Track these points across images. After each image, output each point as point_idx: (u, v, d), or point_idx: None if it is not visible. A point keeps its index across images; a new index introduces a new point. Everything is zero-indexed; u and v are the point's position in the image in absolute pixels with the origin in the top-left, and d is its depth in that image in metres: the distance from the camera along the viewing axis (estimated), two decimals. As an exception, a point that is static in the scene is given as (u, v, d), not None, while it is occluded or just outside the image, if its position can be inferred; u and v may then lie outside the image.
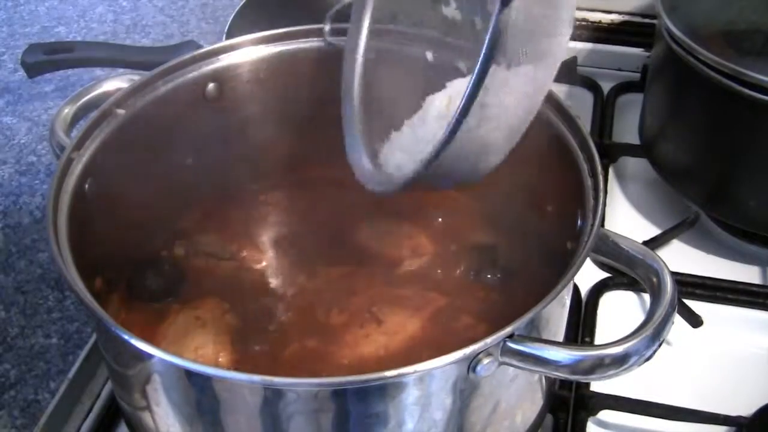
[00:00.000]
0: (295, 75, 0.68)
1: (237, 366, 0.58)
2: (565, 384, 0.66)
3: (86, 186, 0.56)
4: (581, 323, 0.72)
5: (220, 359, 0.58)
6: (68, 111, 0.62)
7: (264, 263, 0.67)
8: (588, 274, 0.76)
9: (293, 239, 0.69)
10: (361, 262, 0.66)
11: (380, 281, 0.65)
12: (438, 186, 0.54)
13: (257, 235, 0.70)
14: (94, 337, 0.71)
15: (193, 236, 0.68)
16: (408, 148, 0.59)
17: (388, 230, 0.68)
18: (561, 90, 0.99)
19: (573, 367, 0.46)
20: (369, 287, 0.64)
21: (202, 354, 0.57)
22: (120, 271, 0.63)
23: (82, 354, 0.70)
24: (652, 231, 0.81)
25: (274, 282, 0.65)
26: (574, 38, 1.02)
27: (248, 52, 0.66)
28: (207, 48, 0.65)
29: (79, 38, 1.09)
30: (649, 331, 0.46)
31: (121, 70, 0.91)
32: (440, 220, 0.69)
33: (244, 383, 0.45)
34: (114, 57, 0.94)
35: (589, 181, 0.55)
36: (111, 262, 0.61)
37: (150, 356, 0.46)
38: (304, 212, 0.71)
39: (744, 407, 0.64)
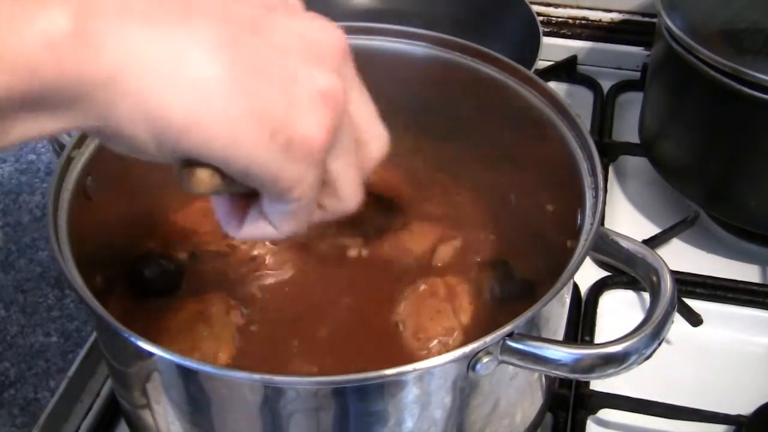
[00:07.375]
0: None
1: (238, 363, 0.58)
2: (564, 382, 0.66)
3: (87, 184, 0.56)
4: (581, 322, 0.72)
5: (220, 357, 0.58)
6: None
7: (268, 259, 0.67)
8: (588, 273, 0.76)
9: (296, 238, 0.69)
10: (368, 264, 0.66)
11: (380, 279, 0.65)
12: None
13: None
14: (94, 335, 0.71)
15: (195, 232, 0.68)
16: None
17: (401, 233, 0.68)
18: (561, 88, 1.00)
19: (572, 365, 0.46)
20: (369, 285, 0.64)
21: (203, 352, 0.57)
22: (120, 268, 0.63)
23: (82, 352, 0.70)
24: (652, 230, 0.81)
25: (278, 278, 0.65)
26: (573, 36, 1.04)
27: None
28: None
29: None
30: (648, 329, 0.46)
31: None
32: (440, 218, 0.69)
33: (245, 381, 0.45)
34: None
35: (588, 180, 0.55)
36: (111, 260, 0.61)
37: (150, 354, 0.46)
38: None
39: (744, 406, 0.64)
